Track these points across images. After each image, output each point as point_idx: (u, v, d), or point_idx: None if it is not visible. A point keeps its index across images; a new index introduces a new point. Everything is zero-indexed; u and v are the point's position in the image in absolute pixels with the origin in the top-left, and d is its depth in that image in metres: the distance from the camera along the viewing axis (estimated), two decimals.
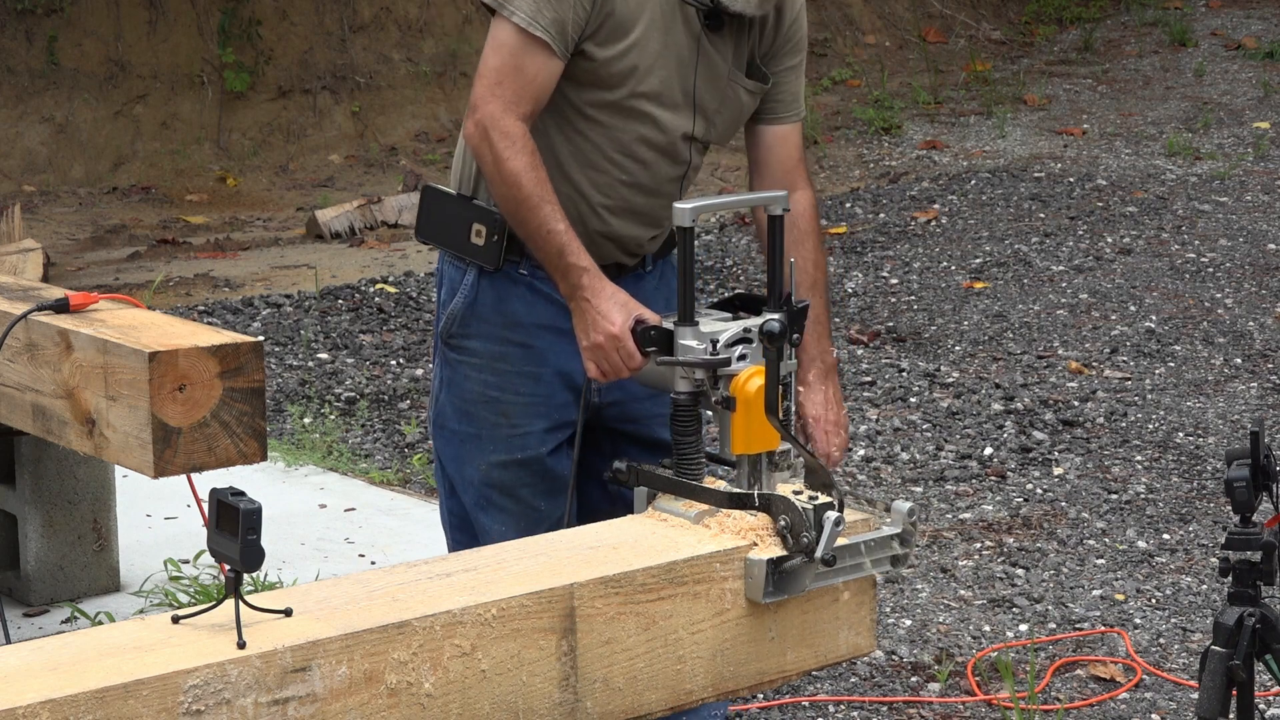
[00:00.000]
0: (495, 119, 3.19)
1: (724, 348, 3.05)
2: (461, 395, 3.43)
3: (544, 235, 3.20)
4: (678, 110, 3.34)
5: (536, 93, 3.22)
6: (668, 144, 3.35)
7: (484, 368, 3.40)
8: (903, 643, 4.73)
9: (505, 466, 3.41)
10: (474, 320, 3.40)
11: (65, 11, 11.58)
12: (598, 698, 2.74)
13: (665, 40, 3.28)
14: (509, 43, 3.21)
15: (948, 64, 13.81)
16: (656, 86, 3.29)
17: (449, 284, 3.45)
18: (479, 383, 3.41)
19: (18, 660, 2.42)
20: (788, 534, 2.88)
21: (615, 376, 3.20)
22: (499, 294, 3.36)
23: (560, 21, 3.19)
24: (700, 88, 3.34)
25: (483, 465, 3.42)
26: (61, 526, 4.78)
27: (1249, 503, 3.08)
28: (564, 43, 3.20)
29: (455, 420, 3.44)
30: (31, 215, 10.06)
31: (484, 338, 3.40)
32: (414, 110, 12.23)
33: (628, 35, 3.24)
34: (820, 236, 3.56)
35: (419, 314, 8.09)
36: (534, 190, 3.19)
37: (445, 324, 3.43)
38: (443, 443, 3.48)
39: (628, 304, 3.18)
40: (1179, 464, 6.06)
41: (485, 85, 3.21)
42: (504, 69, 3.20)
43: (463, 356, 3.42)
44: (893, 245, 9.11)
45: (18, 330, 3.78)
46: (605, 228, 3.36)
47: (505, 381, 3.39)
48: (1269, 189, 9.97)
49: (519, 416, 3.39)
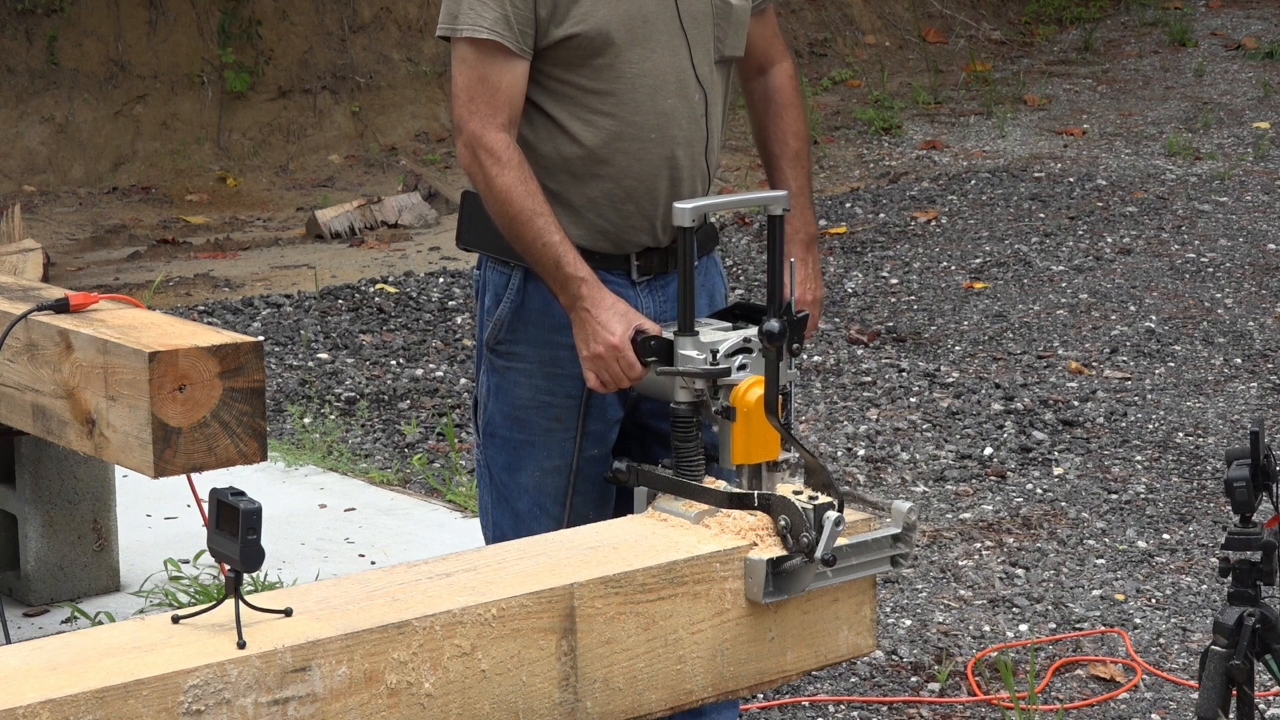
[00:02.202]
0: (478, 137, 3.21)
1: (724, 357, 3.05)
2: (512, 402, 3.38)
3: (540, 248, 3.20)
4: (676, 46, 3.29)
5: (508, 99, 3.22)
6: (678, 85, 3.30)
7: (534, 372, 3.36)
8: (903, 643, 4.73)
9: (560, 472, 3.37)
10: (521, 325, 3.37)
11: (65, 11, 11.58)
12: (598, 698, 2.74)
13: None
14: (468, 57, 3.22)
15: (948, 64, 13.81)
16: (639, 33, 3.25)
17: (493, 290, 3.40)
18: (530, 388, 3.37)
19: (18, 660, 2.42)
20: (788, 534, 2.88)
21: (616, 386, 3.19)
22: (546, 296, 3.31)
23: (504, 18, 3.19)
24: (686, 12, 3.29)
25: (536, 472, 3.38)
26: (61, 526, 4.78)
27: (1249, 503, 3.08)
28: (515, 37, 3.20)
29: (506, 428, 3.40)
30: (31, 215, 10.06)
31: (532, 342, 3.36)
32: (414, 110, 12.23)
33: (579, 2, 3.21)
34: (802, 107, 3.54)
35: (419, 314, 8.09)
36: (525, 204, 3.19)
37: (492, 331, 3.39)
38: (494, 451, 3.42)
39: (627, 314, 3.17)
40: (1179, 464, 6.06)
41: (460, 105, 3.24)
42: (471, 84, 3.22)
43: (511, 363, 3.38)
44: (893, 245, 9.10)
45: (18, 330, 3.78)
46: (652, 193, 3.31)
47: (557, 385, 3.35)
48: (1269, 189, 9.97)
49: (572, 420, 3.36)
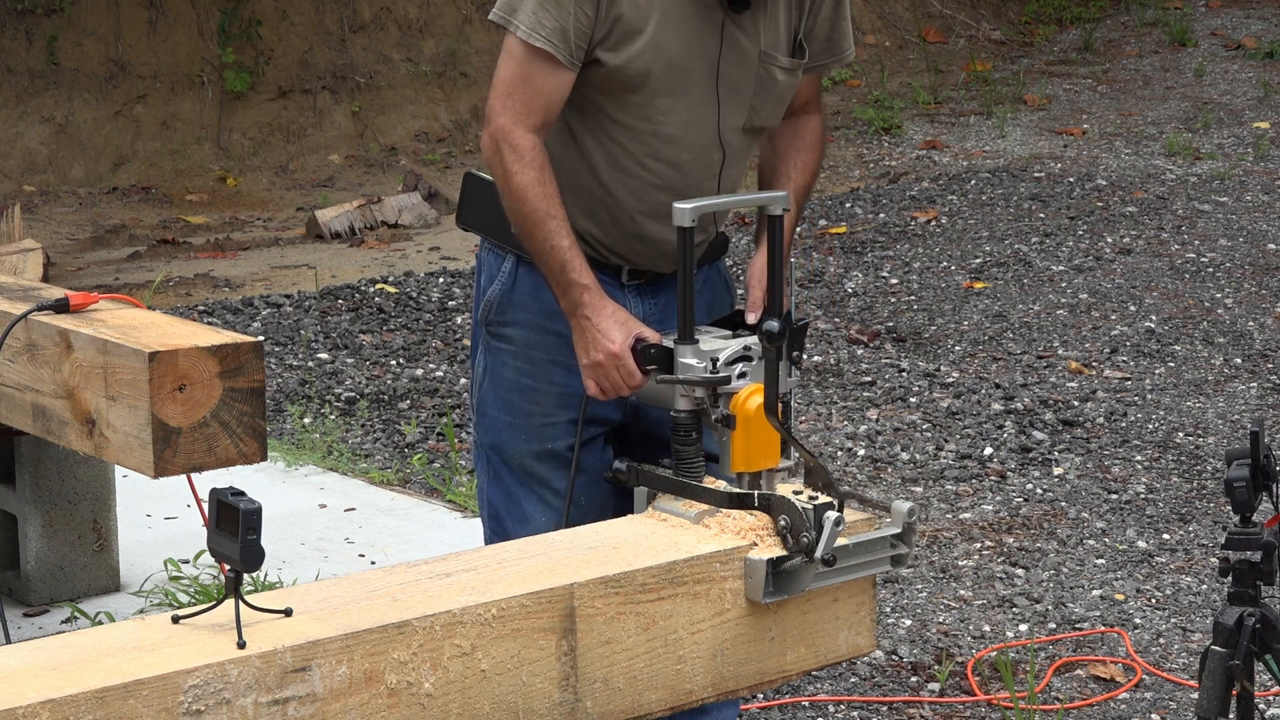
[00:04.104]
0: (506, 132, 3.20)
1: (724, 365, 3.05)
2: (500, 384, 3.42)
3: (548, 250, 3.20)
4: (705, 104, 3.27)
5: (546, 104, 3.21)
6: (699, 141, 3.30)
7: (519, 355, 3.39)
8: (903, 643, 4.73)
9: (539, 457, 3.39)
10: (510, 308, 3.39)
11: (65, 11, 11.58)
12: (598, 698, 2.74)
13: (683, 34, 3.22)
14: (516, 54, 3.21)
15: (948, 64, 13.80)
16: (677, 85, 3.23)
17: (488, 271, 3.44)
18: (515, 370, 3.40)
19: (18, 660, 2.42)
20: (788, 534, 2.88)
21: (615, 394, 3.20)
22: (536, 281, 3.33)
23: (563, 30, 3.16)
24: (726, 76, 3.27)
25: (519, 454, 3.40)
26: (61, 526, 4.78)
27: (1249, 503, 3.08)
28: (568, 51, 3.18)
29: (495, 408, 3.43)
30: (31, 215, 10.06)
31: (520, 325, 3.39)
32: (414, 110, 12.23)
33: (639, 37, 3.19)
34: (821, 154, 3.51)
35: (419, 314, 8.09)
36: (539, 205, 3.19)
37: (484, 310, 3.43)
38: (483, 430, 3.46)
39: (627, 322, 3.17)
40: (1179, 464, 6.06)
41: (497, 97, 3.23)
42: (513, 81, 3.21)
43: (501, 344, 3.41)
44: (893, 245, 9.10)
45: (18, 330, 3.78)
46: (639, 230, 3.33)
47: (539, 370, 3.38)
48: (1269, 189, 9.97)
49: (551, 405, 3.38)
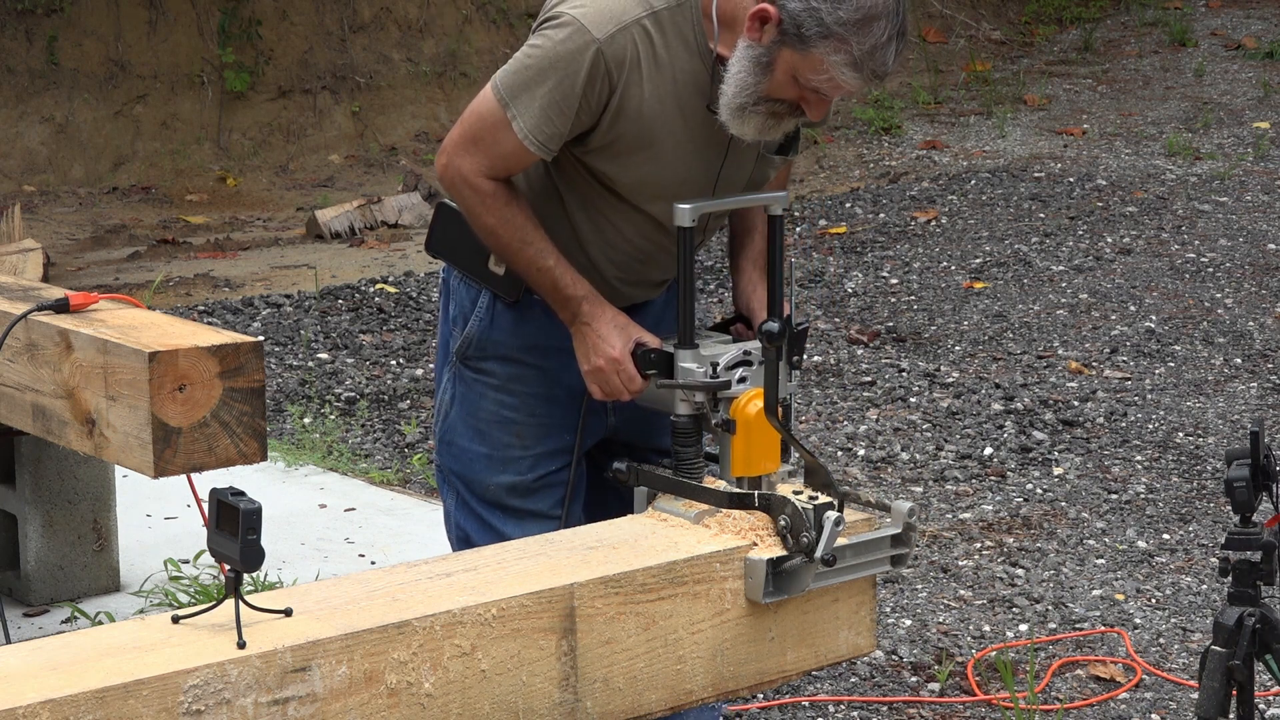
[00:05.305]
0: (465, 176, 3.15)
1: (724, 370, 3.05)
2: (475, 414, 3.38)
3: (535, 273, 3.19)
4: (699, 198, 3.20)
5: (509, 169, 3.16)
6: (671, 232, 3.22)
7: (502, 389, 3.36)
8: (903, 643, 4.73)
9: (513, 489, 3.37)
10: (491, 344, 3.36)
11: (65, 11, 11.58)
12: (598, 698, 2.74)
13: (688, 153, 3.17)
14: (497, 121, 3.11)
15: (948, 64, 13.80)
16: (672, 192, 3.17)
17: (458, 303, 3.39)
18: (495, 402, 3.36)
19: (18, 660, 2.42)
20: (788, 534, 2.88)
21: (616, 399, 3.20)
22: (517, 315, 3.32)
23: (557, 135, 3.10)
24: (724, 179, 3.25)
25: (491, 485, 3.38)
26: (61, 526, 4.77)
27: (1249, 503, 3.08)
28: (550, 151, 3.12)
29: (466, 438, 3.39)
30: (31, 215, 10.06)
31: (501, 360, 3.35)
32: (414, 110, 12.23)
33: (642, 151, 3.15)
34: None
35: (419, 314, 8.08)
36: (513, 237, 3.16)
37: (462, 345, 3.37)
38: (450, 459, 3.42)
39: (627, 327, 3.17)
40: (1179, 464, 6.06)
41: (461, 139, 3.15)
42: (483, 139, 3.13)
43: (480, 376, 3.37)
44: (893, 245, 9.10)
45: (18, 330, 3.78)
46: (613, 291, 3.29)
47: (522, 403, 3.35)
48: (1269, 189, 9.97)
49: (531, 438, 3.36)
